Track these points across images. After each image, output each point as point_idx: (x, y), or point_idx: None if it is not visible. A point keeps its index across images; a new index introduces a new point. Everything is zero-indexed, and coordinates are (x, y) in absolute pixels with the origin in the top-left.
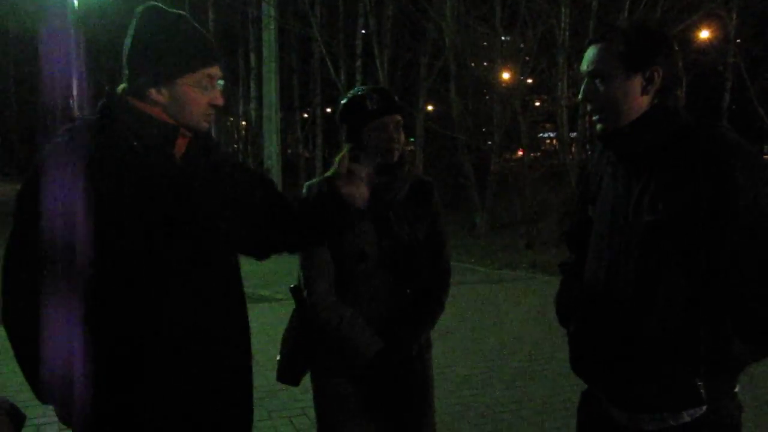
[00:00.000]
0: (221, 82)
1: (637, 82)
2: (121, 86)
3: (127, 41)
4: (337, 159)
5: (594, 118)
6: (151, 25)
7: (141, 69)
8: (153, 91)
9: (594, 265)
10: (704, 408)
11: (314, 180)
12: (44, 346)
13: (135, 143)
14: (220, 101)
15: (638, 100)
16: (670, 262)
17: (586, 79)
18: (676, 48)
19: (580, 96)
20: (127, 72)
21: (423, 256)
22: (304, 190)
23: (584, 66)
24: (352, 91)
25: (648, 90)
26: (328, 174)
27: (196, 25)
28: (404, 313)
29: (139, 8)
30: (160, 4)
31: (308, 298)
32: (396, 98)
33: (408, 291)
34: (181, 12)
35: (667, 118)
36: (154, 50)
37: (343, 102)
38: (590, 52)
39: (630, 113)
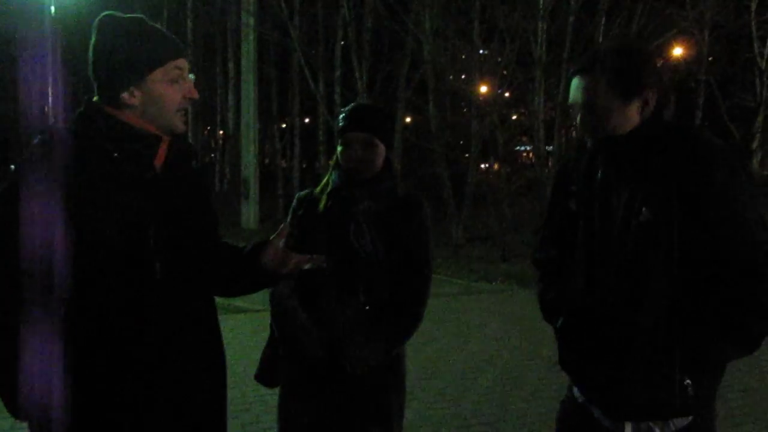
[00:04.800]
0: (192, 76)
1: (635, 107)
2: (95, 97)
3: (90, 54)
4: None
5: (589, 139)
6: (110, 31)
7: (108, 74)
8: (125, 95)
9: (585, 262)
10: (690, 418)
11: (304, 192)
12: (22, 360)
13: (115, 154)
14: (194, 94)
15: (635, 121)
16: (659, 263)
17: (580, 111)
18: (661, 62)
19: (578, 128)
20: (95, 83)
21: (383, 273)
22: (294, 202)
23: (577, 98)
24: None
25: (645, 112)
26: (316, 190)
27: (155, 24)
28: (356, 331)
29: (95, 20)
30: (115, 13)
31: (270, 298)
32: (370, 115)
33: (366, 308)
34: (137, 15)
35: (657, 128)
36: (119, 53)
37: None
38: (579, 83)
39: (626, 130)
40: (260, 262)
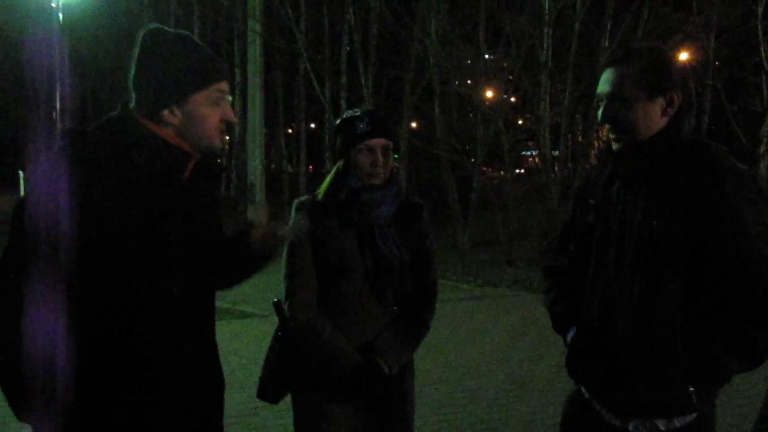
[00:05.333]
0: (229, 97)
1: (659, 105)
2: (131, 105)
3: (133, 65)
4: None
5: (612, 136)
6: (157, 47)
7: (151, 91)
8: (166, 113)
9: (599, 273)
10: (694, 415)
11: (303, 198)
12: (25, 360)
13: (147, 168)
14: (232, 116)
15: (657, 121)
16: (669, 275)
17: (605, 102)
18: (690, 72)
19: (599, 118)
20: (134, 95)
21: (408, 274)
22: (294, 207)
23: (605, 88)
24: (348, 112)
25: (668, 112)
26: (317, 191)
27: (201, 42)
28: (387, 331)
29: (142, 31)
30: (162, 26)
31: (288, 308)
32: (387, 122)
33: (394, 308)
34: (184, 32)
35: (676, 139)
36: (164, 70)
37: (337, 121)
38: (609, 75)
39: (648, 133)
40: (249, 245)
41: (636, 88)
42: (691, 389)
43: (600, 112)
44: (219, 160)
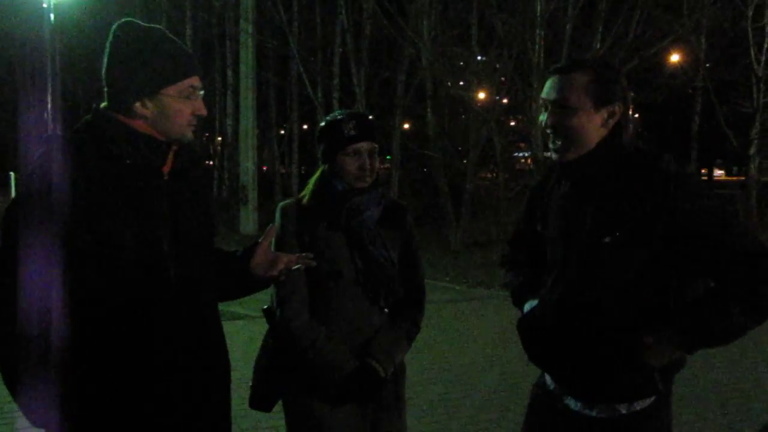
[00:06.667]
0: (201, 92)
1: (601, 116)
2: (103, 104)
3: (105, 58)
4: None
5: (554, 143)
6: (128, 40)
7: (123, 83)
8: (138, 105)
9: (552, 277)
10: (653, 398)
11: (287, 201)
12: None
13: (128, 161)
14: (203, 111)
15: (598, 131)
16: (630, 272)
17: (550, 107)
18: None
19: (543, 122)
20: (107, 89)
21: (396, 276)
22: (278, 211)
23: (551, 94)
24: (331, 114)
25: (608, 124)
26: (301, 195)
27: (173, 37)
28: (379, 334)
29: (114, 25)
30: (134, 20)
31: (280, 316)
32: (373, 125)
33: (385, 310)
34: (156, 26)
35: (619, 150)
36: (136, 63)
37: (321, 124)
38: (556, 82)
39: (589, 143)
40: (250, 266)
41: (582, 98)
42: (656, 373)
43: (545, 118)
44: (197, 150)
